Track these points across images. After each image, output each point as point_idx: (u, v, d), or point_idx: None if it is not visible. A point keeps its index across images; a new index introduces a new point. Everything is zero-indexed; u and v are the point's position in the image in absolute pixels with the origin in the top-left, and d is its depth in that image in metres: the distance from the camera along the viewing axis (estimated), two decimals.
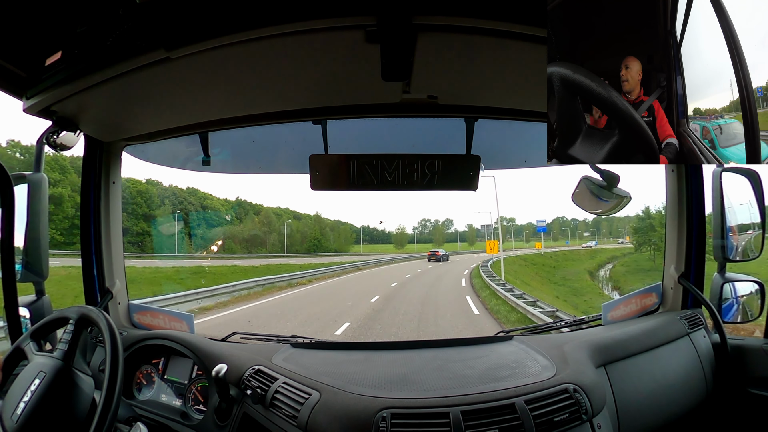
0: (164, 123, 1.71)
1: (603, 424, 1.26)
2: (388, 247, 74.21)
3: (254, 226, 49.50)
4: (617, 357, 1.50)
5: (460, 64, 1.29)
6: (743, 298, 1.77)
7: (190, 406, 1.53)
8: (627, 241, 61.93)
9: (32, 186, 1.54)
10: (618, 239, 66.05)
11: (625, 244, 56.78)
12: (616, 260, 44.44)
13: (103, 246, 1.86)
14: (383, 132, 1.91)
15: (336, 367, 1.43)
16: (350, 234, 67.75)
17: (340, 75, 1.37)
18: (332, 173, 1.62)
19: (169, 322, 1.91)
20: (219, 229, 41.28)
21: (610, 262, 43.67)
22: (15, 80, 1.33)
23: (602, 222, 76.07)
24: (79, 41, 1.20)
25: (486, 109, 1.66)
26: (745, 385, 1.64)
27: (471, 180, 1.64)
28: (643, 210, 37.26)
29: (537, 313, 9.91)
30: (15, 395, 1.09)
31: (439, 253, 43.75)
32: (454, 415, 1.13)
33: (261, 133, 1.89)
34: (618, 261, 43.79)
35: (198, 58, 1.17)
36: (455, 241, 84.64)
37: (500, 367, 1.38)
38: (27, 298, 1.58)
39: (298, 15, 1.06)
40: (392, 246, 75.84)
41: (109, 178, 1.86)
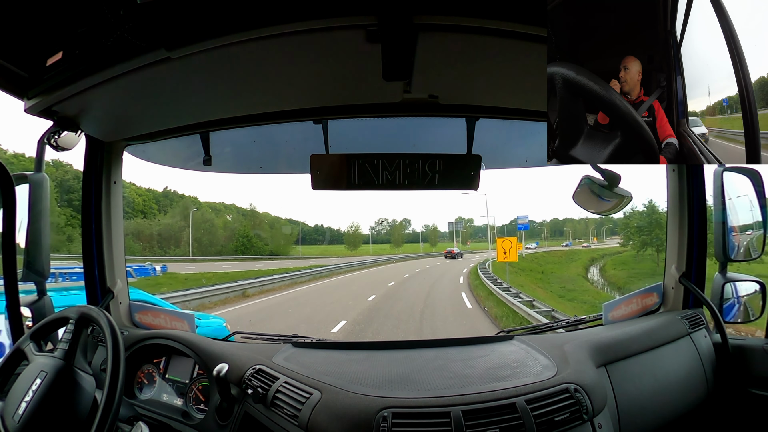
0: (165, 123, 1.71)
1: (604, 423, 1.26)
2: (338, 248, 65.89)
3: (173, 221, 44.80)
4: (618, 357, 1.50)
5: (460, 64, 1.29)
6: (744, 298, 1.77)
7: (192, 405, 1.53)
8: (595, 241, 64.63)
9: (33, 186, 1.54)
10: (583, 242, 67.68)
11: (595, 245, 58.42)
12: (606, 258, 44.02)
13: (104, 246, 1.87)
14: (384, 132, 1.91)
15: (337, 366, 1.43)
16: (291, 233, 59.24)
17: (341, 75, 1.37)
18: (333, 173, 1.62)
19: (171, 321, 1.92)
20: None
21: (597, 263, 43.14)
22: (16, 80, 1.34)
23: (568, 223, 76.60)
24: (80, 41, 1.20)
25: (487, 109, 1.66)
26: (746, 385, 1.64)
27: (472, 179, 1.64)
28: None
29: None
30: (16, 395, 1.10)
31: (455, 252, 46.38)
32: (455, 414, 1.13)
33: (262, 132, 1.89)
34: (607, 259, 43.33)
35: (199, 58, 1.17)
36: (415, 241, 79.10)
37: (501, 367, 1.38)
38: (29, 297, 1.59)
39: (299, 15, 1.06)
40: (344, 247, 67.65)
41: (110, 178, 1.87)
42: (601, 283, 32.67)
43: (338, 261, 38.54)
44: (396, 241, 74.19)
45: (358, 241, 71.17)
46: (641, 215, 35.47)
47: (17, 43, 1.23)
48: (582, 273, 35.99)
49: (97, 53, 1.20)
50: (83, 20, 1.16)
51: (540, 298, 14.60)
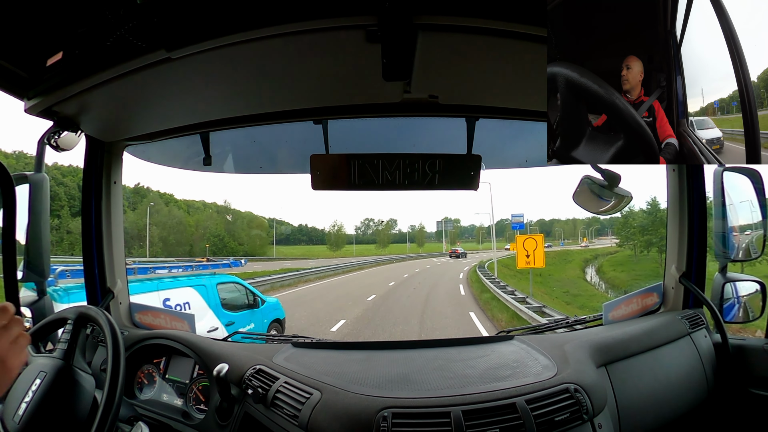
0: (165, 123, 1.71)
1: (604, 423, 1.26)
2: (320, 249, 61.20)
3: (139, 218, 42.26)
4: (618, 357, 1.50)
5: (460, 64, 1.29)
6: (745, 298, 1.77)
7: (192, 405, 1.53)
8: (585, 242, 65.08)
9: (33, 186, 1.55)
10: (571, 242, 68.54)
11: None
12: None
13: (105, 246, 1.87)
14: (384, 132, 1.91)
15: (337, 366, 1.43)
16: (267, 234, 53.35)
17: (341, 75, 1.37)
18: (333, 173, 1.62)
19: (171, 321, 1.92)
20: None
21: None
22: (16, 81, 1.34)
23: (556, 224, 76.18)
24: (80, 42, 1.20)
25: (487, 109, 1.66)
26: (747, 385, 1.64)
27: (472, 179, 1.64)
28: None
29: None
30: (16, 397, 1.09)
31: (459, 251, 47.89)
32: (455, 414, 1.13)
33: (262, 132, 1.89)
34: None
35: (198, 58, 1.17)
36: (401, 242, 76.29)
37: (501, 367, 1.38)
38: (29, 297, 1.59)
39: (299, 15, 1.06)
40: (326, 248, 62.79)
41: (110, 178, 1.87)
42: (603, 285, 32.10)
43: (316, 263, 34.96)
44: (382, 241, 70.66)
45: (341, 241, 67.25)
46: (644, 214, 35.00)
47: (17, 44, 1.23)
48: (580, 275, 35.60)
49: (97, 53, 1.20)
50: (83, 20, 1.16)
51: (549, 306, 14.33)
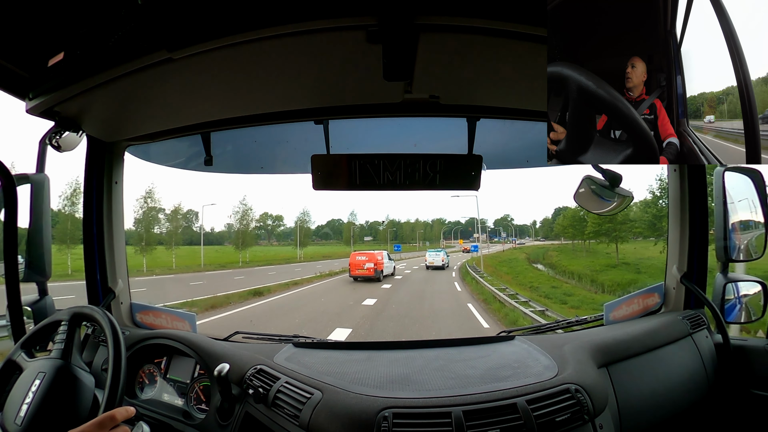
0: (167, 123, 1.71)
1: (605, 424, 1.26)
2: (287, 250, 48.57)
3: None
4: (619, 357, 1.50)
5: (461, 64, 1.29)
6: (746, 298, 1.77)
7: (192, 405, 1.53)
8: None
9: (35, 186, 1.55)
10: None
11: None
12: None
13: (106, 246, 1.87)
14: (385, 132, 1.91)
15: (338, 366, 1.43)
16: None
17: (342, 75, 1.37)
18: (334, 173, 1.62)
19: (172, 321, 1.92)
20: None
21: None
22: (18, 81, 1.34)
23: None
24: (82, 42, 1.20)
25: (488, 109, 1.65)
26: (748, 385, 1.64)
27: (473, 180, 1.64)
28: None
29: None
30: (15, 401, 1.08)
31: (469, 247, 44.30)
32: (456, 414, 1.13)
33: (263, 133, 1.90)
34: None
35: (200, 58, 1.18)
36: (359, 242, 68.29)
37: (502, 367, 1.38)
38: (30, 297, 1.59)
39: (300, 15, 1.06)
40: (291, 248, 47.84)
41: (111, 179, 1.87)
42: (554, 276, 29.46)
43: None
44: (347, 240, 63.24)
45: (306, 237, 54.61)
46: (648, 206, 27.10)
47: (19, 44, 1.23)
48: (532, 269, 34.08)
49: (99, 54, 1.20)
50: (85, 21, 1.16)
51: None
